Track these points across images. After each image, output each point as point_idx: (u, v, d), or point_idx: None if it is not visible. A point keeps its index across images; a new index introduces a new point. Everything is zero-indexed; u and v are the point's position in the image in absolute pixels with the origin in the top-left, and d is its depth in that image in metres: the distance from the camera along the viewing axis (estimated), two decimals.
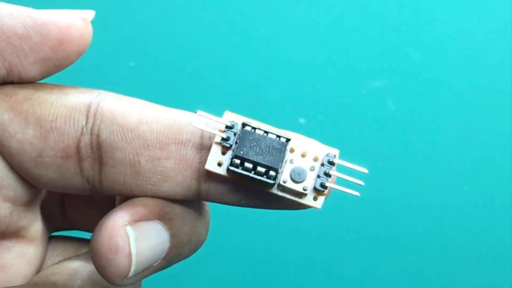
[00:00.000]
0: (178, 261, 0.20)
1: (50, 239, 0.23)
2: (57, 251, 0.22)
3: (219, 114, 0.19)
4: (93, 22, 0.20)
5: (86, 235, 0.24)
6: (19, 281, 0.20)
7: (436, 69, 0.48)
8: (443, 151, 0.48)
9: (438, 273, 0.48)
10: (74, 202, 0.23)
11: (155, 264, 0.19)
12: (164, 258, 0.19)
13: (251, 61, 0.48)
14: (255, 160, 0.18)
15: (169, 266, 0.20)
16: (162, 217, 0.19)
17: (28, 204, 0.21)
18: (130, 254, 0.18)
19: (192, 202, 0.20)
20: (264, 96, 0.48)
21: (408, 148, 0.48)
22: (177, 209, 0.20)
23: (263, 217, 0.47)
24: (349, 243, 0.48)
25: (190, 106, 0.21)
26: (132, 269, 0.18)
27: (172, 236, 0.19)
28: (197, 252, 0.22)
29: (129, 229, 0.18)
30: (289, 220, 0.48)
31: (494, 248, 0.48)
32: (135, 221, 0.18)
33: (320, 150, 0.19)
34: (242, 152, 0.18)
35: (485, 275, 0.48)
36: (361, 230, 0.48)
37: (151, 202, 0.19)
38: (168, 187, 0.19)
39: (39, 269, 0.21)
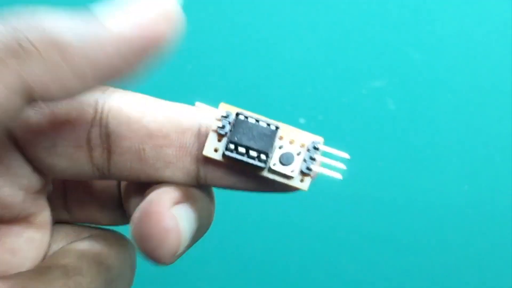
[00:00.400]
0: (197, 241, 0.22)
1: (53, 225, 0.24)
2: (60, 236, 0.23)
3: None
4: None
5: None
6: (28, 265, 0.21)
7: (436, 69, 0.48)
8: (443, 151, 0.48)
9: (438, 273, 0.48)
10: (76, 195, 0.24)
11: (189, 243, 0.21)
12: (192, 237, 0.21)
13: (251, 61, 0.48)
14: (248, 145, 0.20)
15: (192, 245, 0.21)
16: (189, 199, 0.20)
17: (38, 193, 0.22)
18: (180, 232, 0.19)
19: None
20: (264, 96, 0.48)
21: (408, 148, 0.48)
22: (197, 191, 0.21)
23: (261, 214, 0.47)
24: (349, 243, 0.48)
25: (190, 105, 0.21)
26: (182, 246, 0.20)
27: (198, 217, 0.21)
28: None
29: (174, 210, 0.20)
30: (290, 219, 0.48)
31: (494, 248, 0.48)
32: (175, 203, 0.20)
33: (306, 137, 0.21)
34: (236, 138, 0.20)
35: (485, 275, 0.48)
36: (361, 230, 0.48)
37: (176, 186, 0.21)
38: (170, 172, 0.21)
39: (45, 254, 0.22)
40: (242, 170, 0.21)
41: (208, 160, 0.20)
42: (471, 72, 0.48)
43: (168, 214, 0.19)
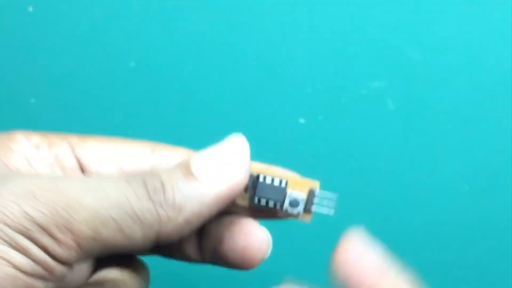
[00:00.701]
0: None
1: None
2: (100, 260, 0.29)
3: (218, 113, 0.22)
4: (93, 21, 0.20)
5: None
6: (82, 281, 0.28)
7: (436, 69, 0.48)
8: (443, 151, 0.48)
9: (438, 273, 0.48)
10: None
11: None
12: None
13: (251, 61, 0.48)
14: (267, 198, 0.28)
15: None
16: None
17: None
18: (270, 241, 0.29)
19: None
20: (264, 96, 0.48)
21: (408, 148, 0.48)
22: None
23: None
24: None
25: (190, 106, 0.21)
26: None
27: None
28: None
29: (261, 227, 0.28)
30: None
31: (494, 248, 0.48)
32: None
33: (306, 184, 0.29)
34: (259, 195, 0.28)
35: (485, 275, 0.48)
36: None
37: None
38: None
39: (91, 274, 0.29)
40: (263, 210, 0.29)
41: (238, 204, 0.28)
42: (471, 72, 0.48)
43: (261, 228, 0.28)
